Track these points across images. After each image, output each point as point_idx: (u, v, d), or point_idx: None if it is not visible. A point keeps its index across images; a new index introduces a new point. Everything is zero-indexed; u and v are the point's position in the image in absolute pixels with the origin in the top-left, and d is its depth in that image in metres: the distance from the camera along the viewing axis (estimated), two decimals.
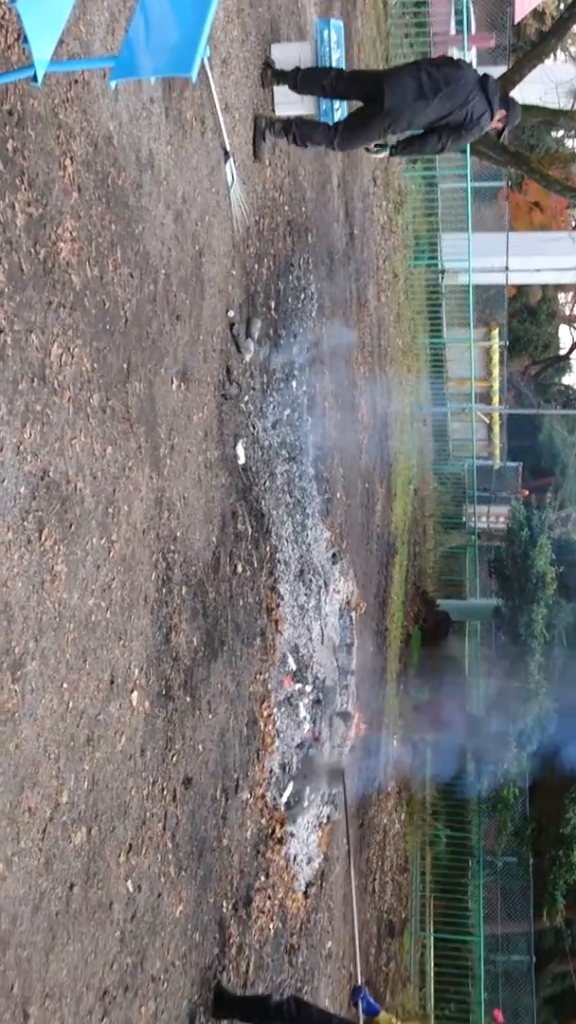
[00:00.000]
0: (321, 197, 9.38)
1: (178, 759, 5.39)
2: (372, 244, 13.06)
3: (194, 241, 5.63)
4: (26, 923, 3.70)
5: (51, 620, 3.83)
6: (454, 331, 20.90)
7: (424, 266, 19.12)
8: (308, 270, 8.63)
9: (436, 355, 20.88)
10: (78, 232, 4.06)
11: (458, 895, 17.56)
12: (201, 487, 5.79)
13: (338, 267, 10.20)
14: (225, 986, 6.03)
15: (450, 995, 16.62)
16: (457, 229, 18.86)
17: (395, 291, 15.54)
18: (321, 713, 8.78)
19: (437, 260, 19.32)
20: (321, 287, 9.13)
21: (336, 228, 10.18)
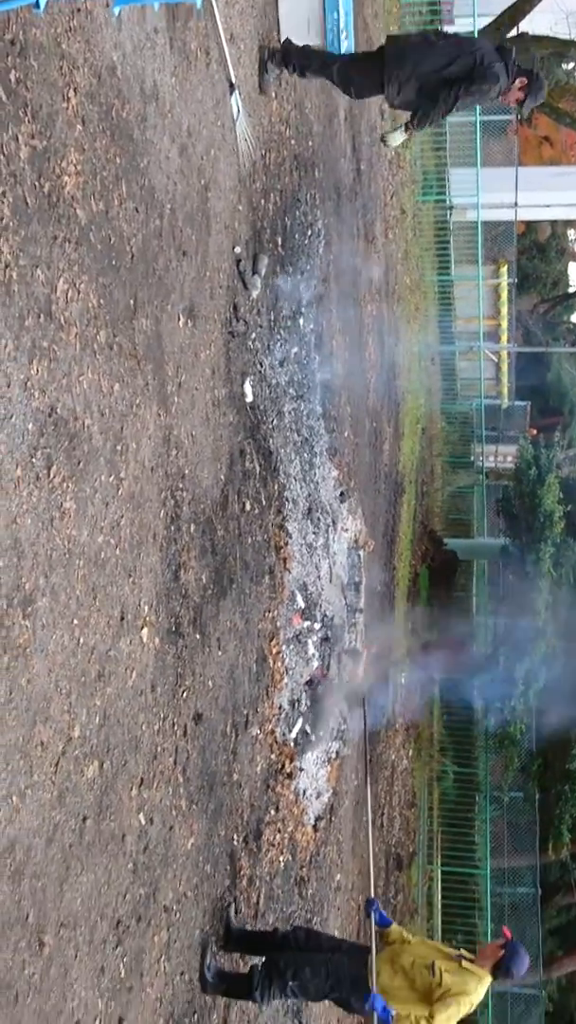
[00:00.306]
0: (328, 131, 9.25)
1: (188, 695, 5.43)
2: (379, 179, 12.90)
3: (200, 175, 5.56)
4: (40, 854, 3.76)
5: (61, 557, 3.85)
6: (462, 268, 20.70)
7: (432, 202, 18.90)
8: (315, 206, 8.53)
9: (444, 293, 20.70)
10: (82, 165, 4.01)
11: (465, 829, 17.78)
12: (209, 425, 5.78)
13: (345, 203, 10.09)
14: (233, 920, 6.13)
15: (457, 927, 16.89)
16: (466, 164, 18.61)
17: (403, 228, 15.37)
18: (330, 651, 8.84)
19: (445, 196, 19.08)
20: (328, 223, 9.03)
21: (343, 163, 10.04)
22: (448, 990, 5.69)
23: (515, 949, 5.91)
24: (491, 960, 5.88)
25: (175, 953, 5.29)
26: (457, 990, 5.69)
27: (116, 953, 4.51)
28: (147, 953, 4.89)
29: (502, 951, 5.89)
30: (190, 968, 5.53)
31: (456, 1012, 5.70)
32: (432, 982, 5.74)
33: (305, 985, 5.96)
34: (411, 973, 5.83)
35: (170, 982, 5.23)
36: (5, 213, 3.41)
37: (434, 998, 5.69)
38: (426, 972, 5.78)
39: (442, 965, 5.80)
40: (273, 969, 5.96)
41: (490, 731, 17.29)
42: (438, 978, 5.73)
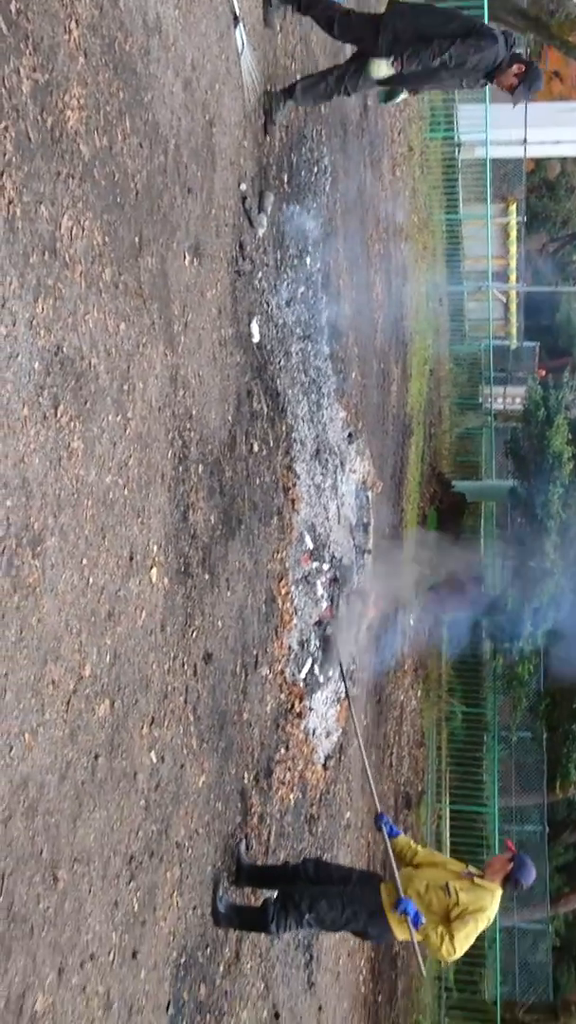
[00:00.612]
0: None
1: (198, 635, 5.46)
2: (387, 116, 12.70)
3: (204, 110, 5.47)
4: (53, 791, 3.79)
5: (69, 497, 3.84)
6: (470, 207, 20.45)
7: (440, 139, 18.63)
8: (321, 142, 8.41)
9: (452, 232, 20.48)
10: (85, 100, 3.95)
11: (473, 769, 17.95)
12: (216, 365, 5.74)
13: (352, 139, 9.94)
14: (244, 857, 6.21)
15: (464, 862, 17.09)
16: (474, 100, 18.29)
17: (410, 165, 15.16)
18: (338, 591, 8.86)
19: (453, 132, 18.80)
20: (335, 160, 8.91)
21: (350, 98, 9.87)
22: (465, 908, 5.82)
23: (522, 860, 6.04)
24: (500, 873, 6.00)
25: (187, 888, 5.37)
26: (474, 907, 5.82)
27: (129, 888, 4.58)
28: (160, 888, 4.96)
29: (510, 864, 6.02)
30: (202, 903, 5.61)
31: (474, 928, 5.84)
32: (449, 902, 5.87)
33: (322, 917, 6.05)
34: (426, 896, 5.93)
35: (183, 916, 5.30)
36: (8, 148, 3.36)
37: (452, 917, 5.83)
38: (442, 893, 5.90)
39: (456, 884, 5.92)
40: (289, 901, 6.05)
41: (498, 672, 17.40)
42: (454, 898, 5.86)
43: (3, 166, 3.33)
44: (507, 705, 17.88)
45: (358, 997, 10.08)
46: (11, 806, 3.48)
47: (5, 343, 3.36)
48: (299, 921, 6.04)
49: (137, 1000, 4.68)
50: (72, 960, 4.00)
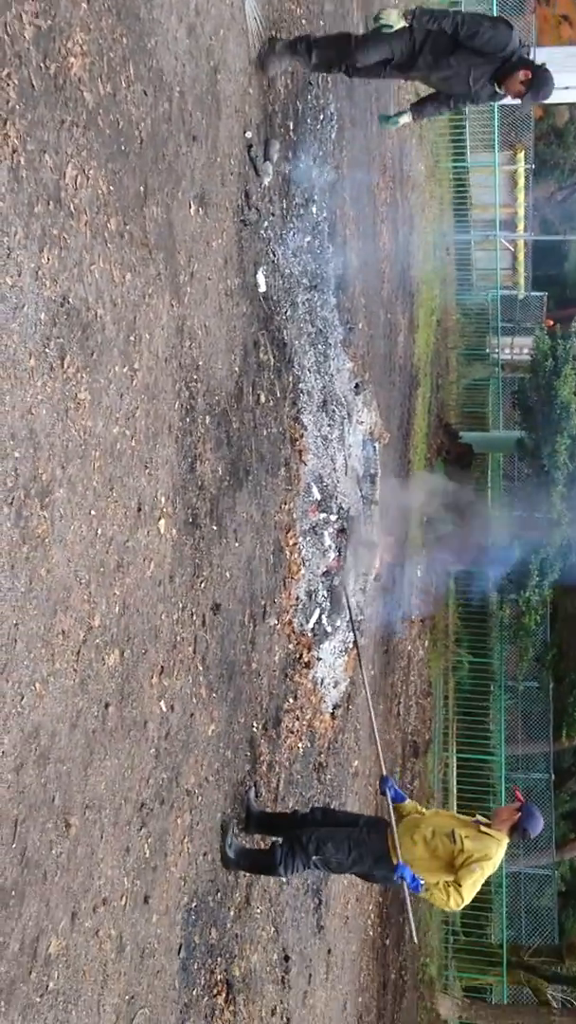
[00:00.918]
0: (340, 10, 8.96)
1: (206, 586, 5.49)
2: None
3: (209, 57, 5.41)
4: (64, 739, 3.84)
5: (77, 448, 3.85)
6: (478, 155, 20.21)
7: None
8: (327, 89, 8.31)
9: (459, 180, 20.26)
10: (88, 46, 3.91)
11: (480, 718, 18.09)
12: (222, 316, 5.72)
13: (358, 86, 9.81)
14: (253, 803, 6.28)
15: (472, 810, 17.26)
16: None
17: None
18: (346, 542, 8.88)
19: None
20: (340, 107, 8.81)
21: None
22: (471, 855, 5.88)
23: (529, 810, 6.08)
24: (508, 823, 6.05)
25: (198, 835, 5.44)
26: (479, 855, 5.88)
27: (140, 834, 4.64)
28: (170, 834, 5.03)
29: (517, 814, 6.06)
30: (213, 849, 5.69)
31: (481, 875, 5.90)
32: (454, 849, 5.93)
33: (328, 859, 6.14)
34: (432, 843, 6.00)
35: (193, 862, 5.38)
36: (11, 96, 3.33)
37: (457, 864, 5.89)
38: (447, 840, 5.97)
39: (462, 832, 5.98)
40: (296, 843, 6.13)
41: (505, 622, 17.47)
42: (460, 844, 5.92)
43: (6, 114, 3.30)
44: (514, 655, 17.99)
45: (366, 941, 10.24)
46: (23, 754, 3.53)
47: (11, 294, 3.35)
48: (306, 863, 6.13)
49: (149, 943, 4.77)
50: (85, 905, 4.07)
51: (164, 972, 4.97)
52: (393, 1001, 11.77)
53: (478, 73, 6.37)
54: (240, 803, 6.17)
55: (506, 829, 6.04)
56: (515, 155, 21.64)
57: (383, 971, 11.02)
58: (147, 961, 4.75)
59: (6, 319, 3.33)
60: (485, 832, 6.00)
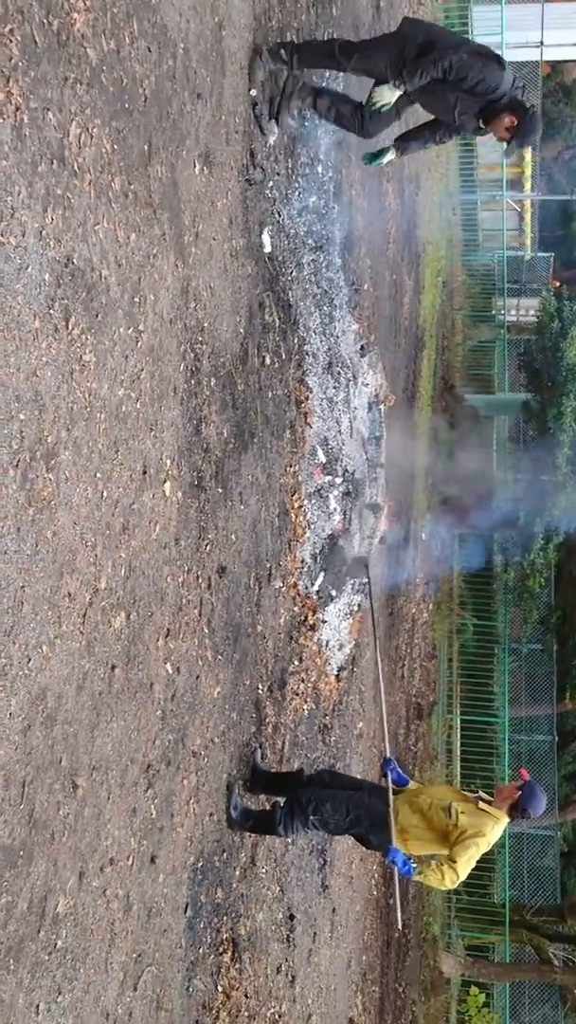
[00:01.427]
0: None
1: (212, 548, 5.48)
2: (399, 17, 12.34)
3: (213, 12, 5.33)
4: (71, 701, 3.85)
5: (82, 410, 3.83)
6: None
7: None
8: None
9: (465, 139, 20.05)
10: (92, 1, 3.84)
11: (484, 680, 18.17)
12: (227, 277, 5.68)
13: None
14: (259, 763, 6.32)
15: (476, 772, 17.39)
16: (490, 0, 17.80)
17: None
18: (351, 505, 8.87)
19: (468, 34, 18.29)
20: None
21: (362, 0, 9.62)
22: (464, 831, 5.88)
23: (532, 790, 6.06)
24: (508, 801, 6.05)
25: (204, 796, 5.47)
26: (473, 831, 5.88)
27: (147, 795, 4.67)
28: (177, 795, 5.06)
29: (519, 792, 6.05)
30: (218, 810, 5.72)
31: (476, 853, 5.91)
32: (448, 823, 5.94)
33: (326, 820, 6.17)
34: (428, 813, 6.02)
35: (199, 823, 5.41)
36: (14, 53, 3.28)
37: (451, 840, 5.90)
38: (443, 813, 5.98)
39: (459, 807, 5.98)
40: (295, 804, 6.17)
41: (509, 585, 17.50)
42: (455, 819, 5.92)
43: (9, 71, 3.25)
44: (518, 617, 18.04)
45: (370, 900, 10.33)
46: (30, 716, 3.53)
47: (15, 254, 3.32)
48: (304, 823, 6.17)
49: (156, 903, 4.81)
50: (92, 865, 4.09)
51: (171, 931, 5.02)
52: (396, 959, 11.90)
53: (464, 107, 6.19)
54: (245, 764, 6.20)
55: (506, 808, 6.03)
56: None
57: (387, 930, 11.13)
58: (154, 920, 4.79)
59: (10, 280, 3.30)
60: (483, 809, 5.99)
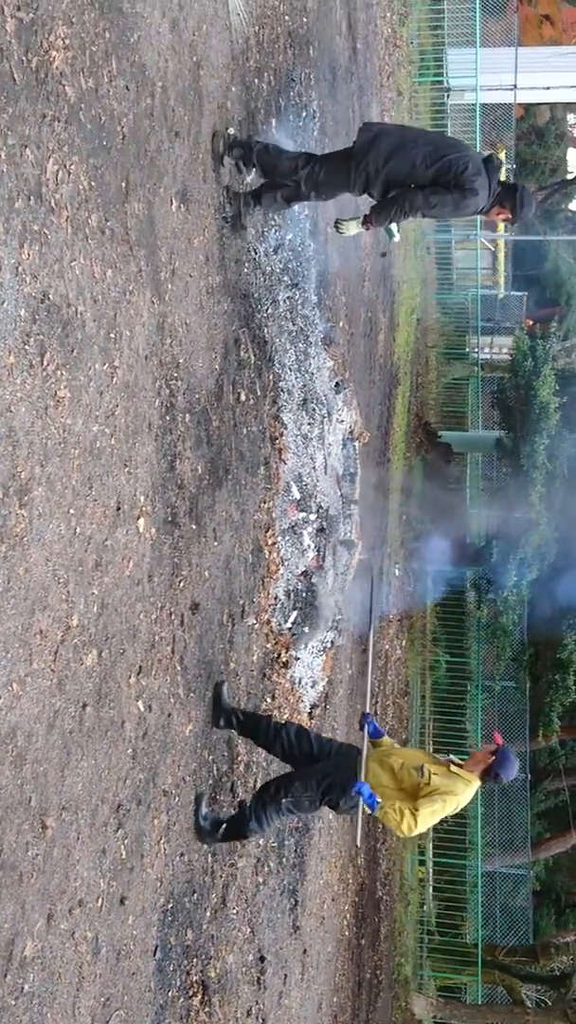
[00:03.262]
0: (323, 7, 8.94)
1: (185, 585, 5.45)
2: (376, 59, 12.52)
3: (191, 52, 5.37)
4: (41, 740, 3.80)
5: (56, 446, 3.81)
6: None
7: (429, 83, 18.39)
8: (310, 86, 8.29)
9: None
10: (71, 40, 3.87)
11: (457, 717, 18.13)
12: (203, 313, 5.68)
13: (340, 83, 9.80)
14: (225, 696, 6.13)
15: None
16: (464, 44, 18.06)
17: (399, 110, 14.98)
18: (325, 541, 8.85)
19: (443, 77, 18.56)
20: (323, 104, 8.79)
21: (338, 41, 9.73)
22: (436, 789, 5.77)
23: (505, 755, 5.96)
24: (481, 765, 5.94)
25: (175, 835, 5.41)
26: (444, 790, 5.78)
27: (117, 835, 4.60)
28: (147, 835, 4.99)
29: (492, 757, 5.95)
30: (189, 850, 5.66)
31: (441, 809, 5.80)
32: (420, 782, 5.82)
33: (299, 800, 6.02)
34: (399, 774, 5.90)
35: (170, 863, 5.35)
36: None
37: (420, 795, 5.79)
38: (415, 773, 5.86)
39: (431, 768, 5.87)
40: (264, 794, 6.07)
41: (482, 622, 17.50)
42: (427, 778, 5.81)
43: None
44: (491, 655, 18.03)
45: (342, 941, 10.23)
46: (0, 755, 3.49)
47: None
48: (278, 810, 6.03)
49: (125, 945, 4.73)
50: (61, 906, 4.03)
51: (140, 974, 4.94)
52: (368, 1001, 11.77)
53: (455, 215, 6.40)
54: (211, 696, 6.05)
55: (478, 772, 5.92)
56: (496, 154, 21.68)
57: (358, 971, 11.02)
58: (123, 963, 4.72)
59: None
60: (456, 772, 5.88)
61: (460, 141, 6.13)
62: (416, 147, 5.94)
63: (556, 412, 16.22)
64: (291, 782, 6.08)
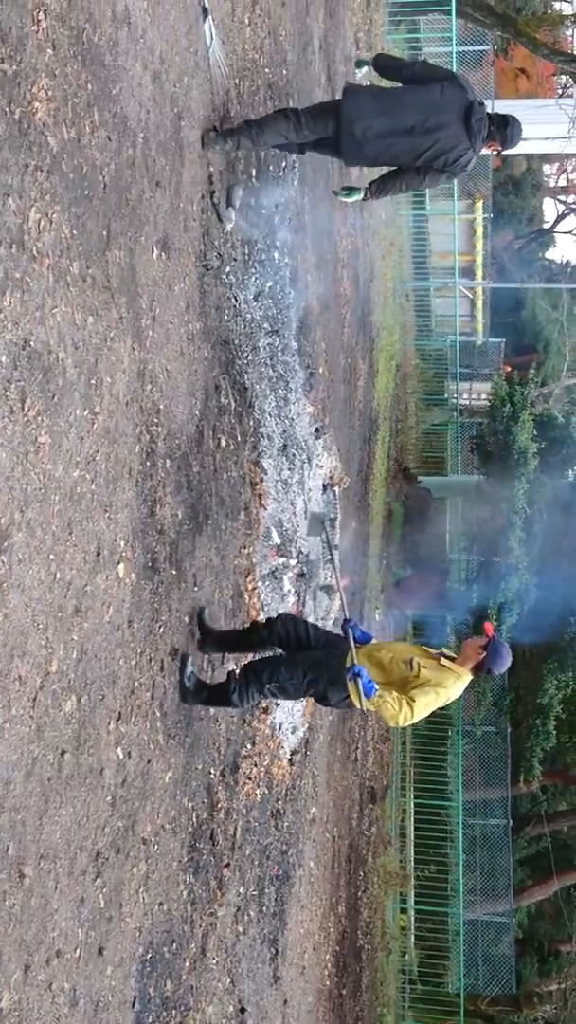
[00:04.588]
0: (303, 59, 9.08)
1: (165, 630, 5.44)
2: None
3: (173, 104, 5.45)
4: (19, 788, 3.77)
5: (36, 491, 3.82)
6: (437, 203, 20.52)
7: None
8: None
9: (419, 228, 20.54)
10: (54, 91, 3.92)
11: (438, 763, 18.07)
12: (184, 360, 5.72)
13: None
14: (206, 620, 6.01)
15: (429, 857, 17.22)
16: None
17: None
18: (305, 586, 8.87)
19: None
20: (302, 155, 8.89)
21: (318, 93, 9.87)
22: (427, 682, 5.68)
23: (496, 648, 5.85)
24: (472, 660, 5.84)
25: (154, 884, 5.35)
26: (435, 683, 5.69)
27: (96, 884, 4.56)
28: (126, 884, 4.94)
29: (483, 651, 5.85)
30: (168, 898, 5.60)
31: (434, 701, 5.69)
32: (409, 675, 5.73)
33: (283, 685, 5.93)
34: (389, 667, 5.81)
35: (149, 912, 5.29)
36: None
37: (410, 688, 5.68)
38: (404, 666, 5.77)
39: (421, 661, 5.77)
40: (250, 673, 5.97)
41: None
42: (416, 671, 5.72)
43: None
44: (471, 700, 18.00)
45: (323, 991, 10.11)
46: None
47: None
48: (260, 690, 5.93)
49: (103, 996, 4.67)
50: (38, 957, 3.98)
51: None
52: None
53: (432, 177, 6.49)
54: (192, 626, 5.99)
55: (469, 666, 5.82)
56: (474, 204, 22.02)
57: (340, 1021, 10.88)
58: (100, 1015, 4.65)
59: None
60: (446, 665, 5.79)
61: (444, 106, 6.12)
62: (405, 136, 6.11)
63: (535, 457, 16.34)
64: (278, 667, 5.97)
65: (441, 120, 6.06)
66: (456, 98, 6.09)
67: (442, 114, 6.06)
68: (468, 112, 6.07)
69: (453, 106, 6.07)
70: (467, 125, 6.08)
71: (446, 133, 6.08)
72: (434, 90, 6.10)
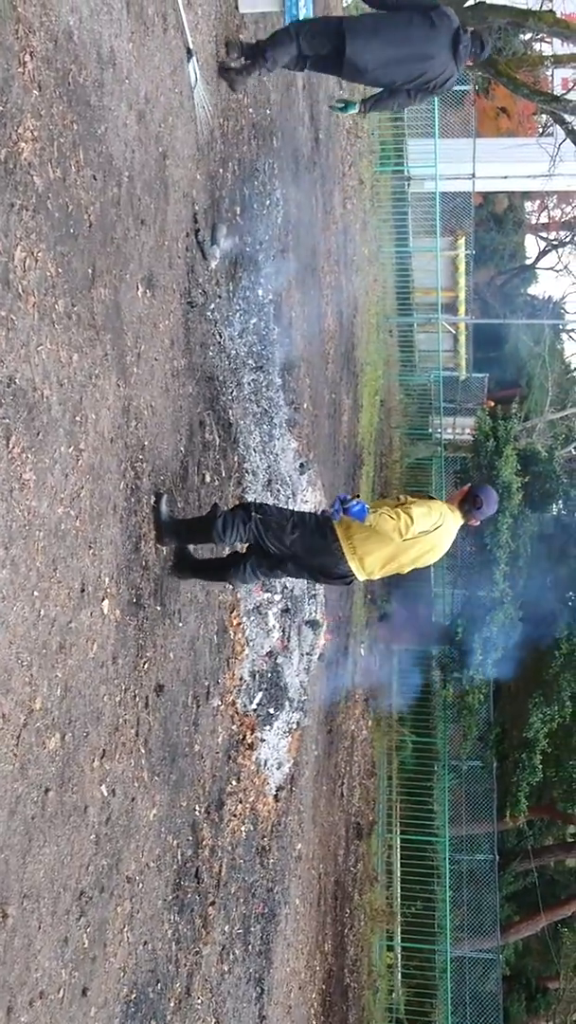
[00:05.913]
0: (286, 99, 9.19)
1: (149, 667, 5.43)
2: (338, 149, 12.84)
3: (157, 143, 5.50)
4: (2, 826, 3.74)
5: (20, 528, 3.82)
6: (420, 240, 20.69)
7: (390, 172, 18.88)
8: (273, 175, 8.48)
9: (402, 264, 20.69)
10: (39, 132, 3.96)
11: (424, 798, 18.00)
12: (168, 396, 5.75)
13: (303, 172, 10.04)
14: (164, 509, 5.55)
15: (416, 893, 17.11)
16: (424, 135, 18.59)
17: (361, 198, 15.33)
18: (290, 622, 8.86)
19: (403, 166, 19.06)
20: (287, 193, 8.99)
21: (301, 132, 9.99)
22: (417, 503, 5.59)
23: (480, 485, 5.80)
24: (457, 498, 5.78)
25: (138, 923, 5.31)
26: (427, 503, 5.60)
27: (79, 924, 4.52)
28: (110, 923, 4.90)
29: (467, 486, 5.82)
30: (153, 937, 5.55)
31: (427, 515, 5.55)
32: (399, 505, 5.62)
33: (268, 521, 5.71)
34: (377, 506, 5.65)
35: (133, 952, 5.24)
36: None
37: None
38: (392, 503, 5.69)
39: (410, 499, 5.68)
40: (238, 508, 5.83)
41: (448, 701, 17.46)
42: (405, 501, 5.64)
43: None
44: (457, 734, 17.97)
45: None
46: None
47: None
48: (245, 521, 5.70)
49: None
50: (21, 998, 3.94)
51: None
52: None
53: None
54: None
55: (456, 502, 5.74)
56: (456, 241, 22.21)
57: None
58: None
59: None
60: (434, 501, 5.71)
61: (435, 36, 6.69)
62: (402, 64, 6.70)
63: (518, 492, 16.41)
64: (268, 505, 5.88)
65: (433, 49, 6.69)
66: (445, 28, 6.70)
67: (434, 44, 6.69)
68: (456, 40, 6.72)
69: (442, 36, 6.69)
70: (455, 52, 6.72)
71: (438, 60, 6.72)
72: (427, 21, 6.68)
